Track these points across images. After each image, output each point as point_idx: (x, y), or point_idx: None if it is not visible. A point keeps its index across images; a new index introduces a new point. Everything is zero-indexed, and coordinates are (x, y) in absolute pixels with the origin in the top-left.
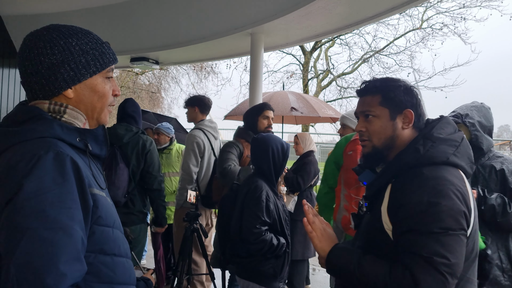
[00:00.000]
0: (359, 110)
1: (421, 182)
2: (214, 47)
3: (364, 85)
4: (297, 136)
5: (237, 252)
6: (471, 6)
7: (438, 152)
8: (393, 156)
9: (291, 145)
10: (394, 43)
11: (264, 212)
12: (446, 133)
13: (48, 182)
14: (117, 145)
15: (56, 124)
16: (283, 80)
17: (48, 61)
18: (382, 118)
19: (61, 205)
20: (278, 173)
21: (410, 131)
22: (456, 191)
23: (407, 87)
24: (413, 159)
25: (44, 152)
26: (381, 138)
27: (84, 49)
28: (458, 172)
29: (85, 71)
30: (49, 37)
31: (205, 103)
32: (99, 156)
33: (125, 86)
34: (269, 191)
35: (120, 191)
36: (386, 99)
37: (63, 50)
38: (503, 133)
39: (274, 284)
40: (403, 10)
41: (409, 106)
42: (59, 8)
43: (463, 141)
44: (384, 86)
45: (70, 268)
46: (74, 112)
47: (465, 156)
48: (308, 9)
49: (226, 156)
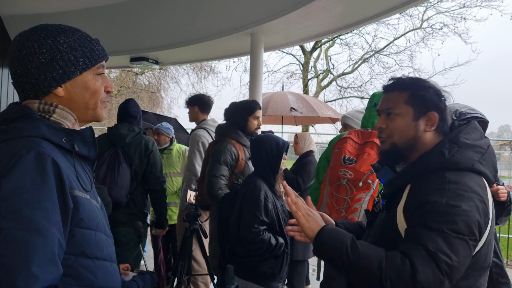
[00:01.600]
0: (383, 107)
1: (442, 184)
2: (214, 47)
3: (392, 81)
4: (296, 136)
5: (236, 251)
6: (471, 6)
7: (463, 158)
8: (413, 158)
9: (291, 145)
10: (394, 43)
11: (262, 212)
12: (473, 139)
13: (26, 182)
14: (120, 145)
15: (43, 124)
16: (283, 80)
17: (37, 60)
18: (406, 117)
19: (38, 206)
20: (274, 172)
21: (433, 135)
22: (476, 199)
23: (437, 89)
24: (437, 162)
25: (26, 151)
26: (403, 137)
27: (73, 47)
28: (481, 180)
29: (74, 69)
30: (37, 37)
31: (204, 101)
32: (88, 157)
33: (124, 86)
34: (268, 191)
35: (123, 191)
36: (414, 97)
37: (51, 49)
38: (503, 133)
39: (273, 284)
40: (403, 10)
41: (434, 109)
42: (59, 8)
43: (489, 148)
44: (413, 84)
45: (44, 270)
46: (64, 112)
47: (490, 164)
48: (308, 9)
49: (218, 172)
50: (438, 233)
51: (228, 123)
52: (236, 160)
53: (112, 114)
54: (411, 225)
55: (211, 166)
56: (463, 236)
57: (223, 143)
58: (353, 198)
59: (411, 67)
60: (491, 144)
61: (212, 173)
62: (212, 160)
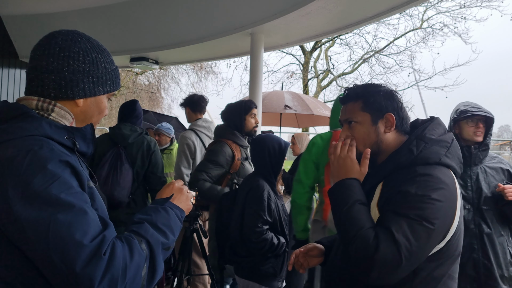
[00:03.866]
0: (342, 118)
1: (413, 177)
2: (214, 47)
3: (345, 93)
4: (294, 136)
5: (237, 251)
6: (471, 6)
7: (431, 153)
8: (382, 159)
9: (289, 146)
10: (394, 43)
11: (266, 211)
12: (438, 134)
13: (52, 171)
14: (122, 145)
15: (44, 122)
16: (283, 80)
17: (76, 66)
18: (365, 123)
19: (71, 190)
20: (276, 172)
21: (395, 134)
22: (445, 190)
23: (387, 91)
24: (407, 160)
25: (38, 147)
26: (366, 144)
27: (107, 68)
28: (449, 172)
29: (101, 88)
30: (84, 46)
31: (194, 102)
32: (85, 153)
33: (124, 86)
34: (270, 191)
35: (125, 191)
36: (367, 104)
37: (92, 62)
38: (503, 133)
39: (274, 283)
40: (403, 10)
41: (390, 110)
42: (59, 8)
43: (453, 142)
44: (365, 91)
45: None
46: (62, 111)
47: (456, 157)
48: (308, 9)
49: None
50: (404, 218)
51: (225, 124)
52: (231, 160)
53: (112, 114)
54: (383, 212)
55: (200, 163)
56: (427, 223)
57: (218, 144)
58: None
59: (411, 67)
60: (491, 143)
61: (198, 167)
62: (204, 159)
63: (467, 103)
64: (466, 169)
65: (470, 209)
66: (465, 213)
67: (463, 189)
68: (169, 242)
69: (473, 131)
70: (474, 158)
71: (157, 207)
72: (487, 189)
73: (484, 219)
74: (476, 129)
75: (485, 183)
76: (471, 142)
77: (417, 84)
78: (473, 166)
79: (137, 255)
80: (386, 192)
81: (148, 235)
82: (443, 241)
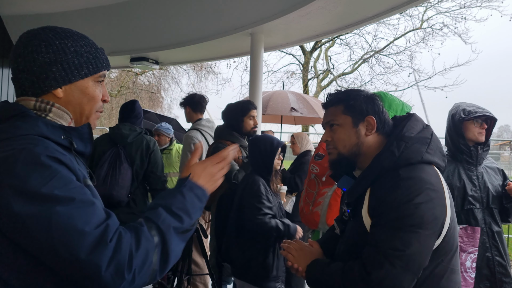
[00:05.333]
0: (324, 121)
1: (397, 182)
2: (214, 47)
3: (328, 98)
4: (293, 136)
5: (230, 247)
6: (471, 6)
7: (412, 153)
8: (363, 162)
9: (289, 145)
10: (394, 43)
11: (265, 203)
12: (416, 131)
13: (49, 168)
14: (121, 144)
15: (41, 122)
16: (283, 80)
17: (41, 59)
18: (346, 126)
19: (71, 185)
20: (269, 169)
21: (376, 137)
22: (430, 190)
23: (368, 95)
24: (390, 162)
25: (33, 146)
26: (346, 146)
27: (79, 51)
28: (432, 169)
29: (77, 73)
30: (45, 36)
31: (195, 101)
32: (83, 153)
33: (125, 86)
34: (266, 186)
35: (124, 191)
36: (348, 107)
37: (57, 50)
38: (503, 133)
39: (269, 284)
40: (403, 10)
41: (371, 113)
42: (59, 8)
43: (433, 137)
44: (346, 95)
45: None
46: (60, 111)
47: (437, 151)
48: (308, 9)
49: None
50: (391, 230)
51: (224, 125)
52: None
53: (112, 114)
54: (371, 227)
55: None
56: (418, 229)
57: (217, 145)
58: (319, 192)
59: (411, 67)
60: (491, 143)
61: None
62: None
63: (469, 104)
64: (472, 170)
65: (480, 208)
66: (475, 213)
67: (472, 189)
68: (184, 226)
69: (478, 131)
70: (479, 159)
71: (174, 190)
72: (492, 188)
73: (494, 218)
74: (481, 130)
75: (489, 183)
76: (473, 142)
77: (417, 84)
78: (478, 166)
79: (144, 242)
80: (374, 201)
81: (160, 221)
82: (439, 238)
